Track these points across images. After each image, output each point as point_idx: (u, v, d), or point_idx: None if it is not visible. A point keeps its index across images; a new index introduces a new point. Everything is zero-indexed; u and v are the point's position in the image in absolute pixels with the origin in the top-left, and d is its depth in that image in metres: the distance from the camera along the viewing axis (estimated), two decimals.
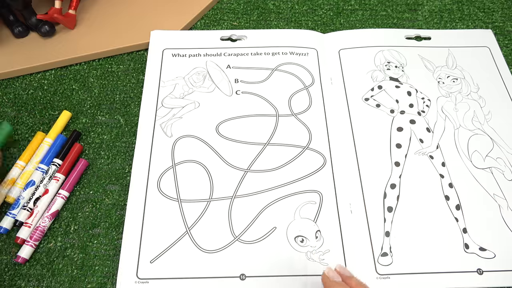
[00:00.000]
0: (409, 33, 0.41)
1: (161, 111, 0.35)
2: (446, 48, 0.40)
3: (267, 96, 0.36)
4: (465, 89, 0.38)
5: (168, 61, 0.37)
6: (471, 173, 0.33)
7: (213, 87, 0.36)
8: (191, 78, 0.36)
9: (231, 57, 0.38)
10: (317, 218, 0.30)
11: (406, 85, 0.37)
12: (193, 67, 0.37)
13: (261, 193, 0.31)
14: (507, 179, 0.33)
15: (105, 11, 0.42)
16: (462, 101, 0.37)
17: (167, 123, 0.34)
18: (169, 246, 0.29)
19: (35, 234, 0.30)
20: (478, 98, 0.37)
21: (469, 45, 0.40)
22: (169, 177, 0.32)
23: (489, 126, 0.35)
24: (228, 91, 0.36)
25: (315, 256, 0.29)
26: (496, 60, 0.39)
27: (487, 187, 0.32)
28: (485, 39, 0.41)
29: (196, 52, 0.38)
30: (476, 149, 0.34)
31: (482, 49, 0.40)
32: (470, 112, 0.36)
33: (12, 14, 0.40)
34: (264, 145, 0.33)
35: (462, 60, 0.39)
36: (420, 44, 0.40)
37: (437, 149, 0.34)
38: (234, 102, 0.35)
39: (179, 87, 0.36)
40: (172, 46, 0.39)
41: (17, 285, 0.29)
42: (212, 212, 0.31)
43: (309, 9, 0.44)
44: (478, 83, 0.38)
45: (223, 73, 0.37)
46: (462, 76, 0.38)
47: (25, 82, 0.39)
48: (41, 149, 0.34)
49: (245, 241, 0.30)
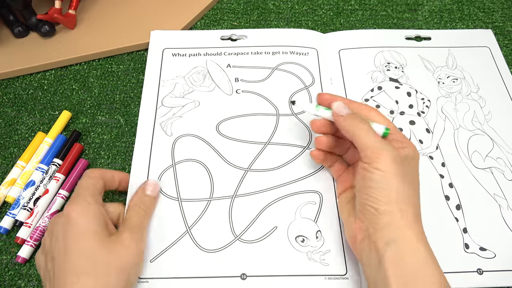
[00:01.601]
0: (409, 34, 0.40)
1: (161, 110, 0.34)
2: (446, 48, 0.39)
3: (267, 95, 0.35)
4: (465, 89, 0.37)
5: (168, 60, 0.37)
6: (471, 173, 0.33)
7: (213, 86, 0.36)
8: (191, 77, 0.36)
9: (231, 56, 0.37)
10: (317, 218, 0.30)
11: (406, 86, 0.37)
12: (193, 67, 0.37)
13: (262, 193, 0.31)
14: (507, 179, 0.32)
15: (105, 11, 0.42)
16: (462, 101, 0.37)
17: (167, 122, 0.34)
18: (169, 245, 0.29)
19: (35, 234, 0.30)
20: (478, 98, 0.37)
21: (469, 45, 0.40)
22: (169, 176, 0.31)
23: (489, 126, 0.35)
24: (228, 90, 0.35)
25: (316, 256, 0.29)
26: (496, 60, 0.39)
27: (487, 187, 0.32)
28: (485, 39, 0.40)
29: (196, 51, 0.38)
30: (476, 149, 0.34)
31: (482, 49, 0.40)
32: (470, 112, 0.36)
33: (12, 14, 0.39)
34: (265, 144, 0.33)
35: (462, 60, 0.39)
36: (420, 45, 0.40)
37: (437, 150, 0.34)
38: (235, 101, 0.35)
39: (179, 86, 0.35)
40: (172, 46, 0.38)
41: (17, 285, 0.29)
42: (212, 212, 0.30)
43: (309, 9, 0.44)
44: (478, 83, 0.37)
45: (223, 72, 0.36)
46: (462, 76, 0.38)
47: (25, 82, 0.38)
48: (41, 149, 0.34)
49: (245, 240, 0.29)
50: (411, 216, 0.23)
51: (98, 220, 0.25)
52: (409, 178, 0.24)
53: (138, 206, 0.28)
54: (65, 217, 0.25)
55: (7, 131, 0.35)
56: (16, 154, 0.34)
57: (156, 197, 0.30)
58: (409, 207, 0.23)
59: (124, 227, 0.26)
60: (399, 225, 0.23)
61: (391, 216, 0.23)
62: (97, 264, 0.23)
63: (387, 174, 0.23)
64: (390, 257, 0.22)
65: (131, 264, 0.25)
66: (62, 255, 0.24)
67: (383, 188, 0.23)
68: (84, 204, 0.25)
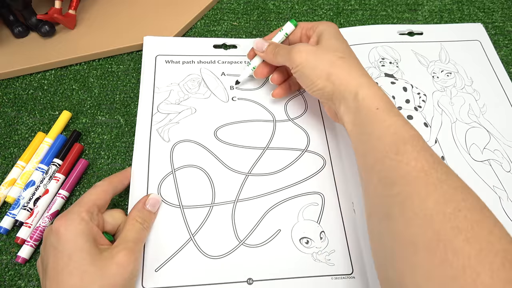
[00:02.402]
0: (401, 29, 0.39)
1: (157, 117, 0.32)
2: (439, 42, 0.38)
3: (263, 102, 0.34)
4: (459, 83, 0.36)
5: (161, 67, 0.35)
6: (470, 166, 0.31)
7: (208, 93, 0.34)
8: (186, 85, 0.34)
9: (225, 64, 0.36)
10: (320, 219, 0.28)
11: (402, 80, 0.36)
12: (187, 74, 0.35)
13: (264, 196, 0.29)
14: (505, 171, 0.31)
15: (105, 11, 0.40)
16: (457, 94, 0.35)
17: (164, 128, 0.32)
18: (174, 253, 0.27)
19: (35, 234, 0.28)
20: (472, 91, 0.35)
21: (461, 39, 0.38)
22: (170, 183, 0.30)
23: (485, 118, 0.33)
24: (224, 97, 0.34)
25: (321, 256, 0.27)
26: (488, 53, 0.37)
27: (487, 179, 0.30)
28: (476, 32, 0.38)
29: (189, 59, 0.36)
30: (473, 142, 0.32)
31: (473, 42, 0.38)
32: (466, 106, 0.34)
33: (12, 14, 0.37)
34: (264, 149, 0.31)
35: (455, 54, 0.37)
36: (412, 40, 0.38)
37: (435, 143, 0.32)
38: (231, 108, 0.33)
39: (174, 93, 0.34)
40: (164, 53, 0.36)
41: (17, 285, 0.27)
42: (215, 217, 0.28)
43: (309, 9, 0.42)
44: (471, 76, 0.36)
45: (218, 80, 0.35)
46: (456, 70, 0.36)
47: (25, 82, 0.36)
48: (41, 149, 0.32)
49: (250, 245, 0.27)
50: (344, 74, 0.26)
51: (87, 236, 0.23)
52: (323, 47, 0.28)
53: (136, 220, 0.26)
54: (54, 232, 0.23)
55: (7, 131, 0.33)
56: (16, 154, 0.32)
57: (156, 213, 0.28)
58: (337, 70, 0.26)
59: (119, 241, 0.24)
60: (340, 89, 0.26)
61: (328, 87, 0.27)
62: (86, 283, 0.22)
63: (303, 64, 0.27)
64: (345, 118, 0.26)
65: (124, 280, 0.23)
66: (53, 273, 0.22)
67: (309, 73, 0.27)
68: (74, 218, 0.23)
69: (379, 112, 0.24)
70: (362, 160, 0.25)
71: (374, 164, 0.23)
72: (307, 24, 0.31)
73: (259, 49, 0.31)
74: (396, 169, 0.21)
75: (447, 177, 0.20)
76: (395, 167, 0.22)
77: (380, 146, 0.23)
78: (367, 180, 0.24)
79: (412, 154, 0.21)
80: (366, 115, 0.24)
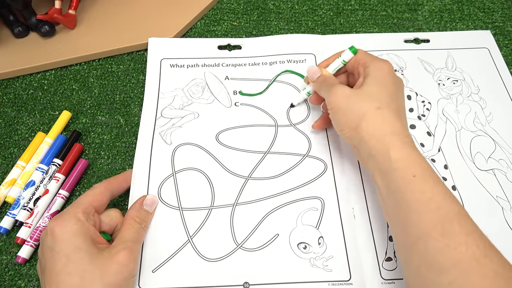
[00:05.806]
0: (407, 37, 0.39)
1: (160, 121, 0.34)
2: (445, 50, 0.38)
3: (265, 107, 0.35)
4: (466, 91, 0.36)
5: (166, 72, 0.36)
6: (474, 175, 0.32)
7: (212, 98, 0.35)
8: (190, 90, 0.35)
9: (229, 67, 0.37)
10: (319, 224, 0.29)
11: (406, 88, 0.36)
12: (191, 78, 0.36)
13: (263, 200, 0.30)
14: (509, 181, 0.32)
15: (105, 11, 0.41)
16: (463, 102, 0.36)
17: (167, 132, 0.33)
18: (171, 255, 0.28)
19: (35, 234, 0.29)
20: (478, 99, 0.36)
21: (468, 47, 0.39)
22: (170, 185, 0.31)
23: (491, 127, 0.34)
24: (227, 102, 0.35)
25: (319, 262, 0.28)
26: (496, 61, 0.38)
27: (490, 189, 0.31)
28: (484, 40, 0.39)
29: (194, 62, 0.37)
30: (478, 150, 0.33)
31: (481, 50, 0.39)
32: (472, 114, 0.35)
33: (12, 14, 0.38)
34: (264, 153, 0.32)
35: (462, 61, 0.38)
36: (419, 47, 0.39)
37: (439, 152, 0.33)
38: (234, 113, 0.34)
39: (178, 98, 0.35)
40: (169, 55, 0.37)
41: (17, 285, 0.28)
42: (214, 220, 0.29)
43: (309, 9, 0.43)
44: (478, 84, 0.36)
45: (222, 84, 0.36)
46: (462, 77, 0.37)
47: (25, 82, 0.37)
48: (41, 149, 0.33)
49: (247, 248, 0.28)
50: (375, 129, 0.25)
51: (84, 236, 0.24)
52: (361, 93, 0.27)
53: (134, 220, 0.27)
54: (50, 233, 0.24)
55: (7, 131, 0.34)
56: (16, 154, 0.33)
57: (153, 213, 0.29)
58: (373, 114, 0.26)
59: (118, 241, 0.25)
60: (368, 145, 0.25)
61: (355, 138, 0.26)
62: (87, 282, 0.22)
63: (335, 108, 0.27)
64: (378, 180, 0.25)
65: (123, 279, 0.24)
66: (52, 275, 0.23)
67: (339, 119, 0.27)
68: (69, 219, 0.24)
69: (416, 181, 0.22)
70: (400, 233, 0.23)
71: (416, 242, 0.22)
72: (364, 58, 0.29)
73: (311, 78, 0.31)
74: (443, 253, 0.20)
75: (504, 269, 0.20)
76: (442, 250, 0.20)
77: (421, 223, 0.22)
78: (407, 257, 0.23)
79: (461, 238, 0.20)
80: (402, 182, 0.23)
